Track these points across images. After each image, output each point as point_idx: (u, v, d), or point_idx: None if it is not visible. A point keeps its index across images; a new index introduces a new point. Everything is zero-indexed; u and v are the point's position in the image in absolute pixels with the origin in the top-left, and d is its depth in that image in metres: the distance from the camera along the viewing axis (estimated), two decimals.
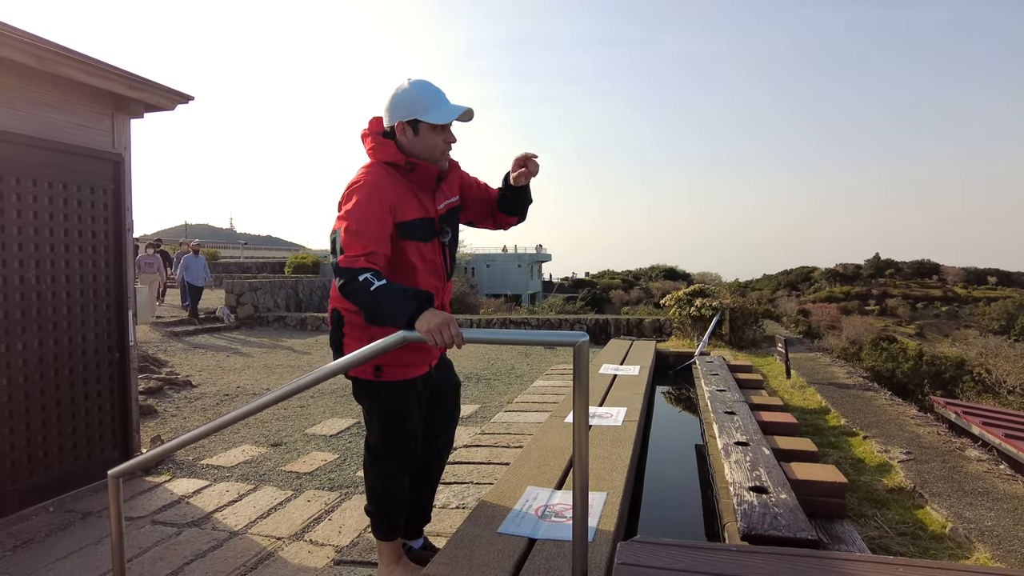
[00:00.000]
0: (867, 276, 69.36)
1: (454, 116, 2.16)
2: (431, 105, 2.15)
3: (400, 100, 2.17)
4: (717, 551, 1.96)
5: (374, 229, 2.05)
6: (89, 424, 4.06)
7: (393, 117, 2.18)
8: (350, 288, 1.93)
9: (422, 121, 2.15)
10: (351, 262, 1.96)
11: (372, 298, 1.87)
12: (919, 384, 14.13)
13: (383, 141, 2.20)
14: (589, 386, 1.67)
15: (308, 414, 6.06)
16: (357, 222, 2.04)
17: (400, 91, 2.19)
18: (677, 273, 54.50)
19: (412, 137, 2.17)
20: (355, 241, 2.00)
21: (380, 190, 2.11)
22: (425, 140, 2.18)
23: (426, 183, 2.26)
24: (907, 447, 4.17)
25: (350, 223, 2.04)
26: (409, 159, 2.18)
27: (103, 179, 4.11)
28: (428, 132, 2.17)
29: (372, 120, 2.28)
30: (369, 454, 2.39)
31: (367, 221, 2.05)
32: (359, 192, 2.11)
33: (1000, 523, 2.91)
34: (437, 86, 2.20)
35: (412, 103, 2.15)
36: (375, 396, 2.30)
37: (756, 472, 2.90)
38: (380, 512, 2.37)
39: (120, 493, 2.13)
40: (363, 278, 1.90)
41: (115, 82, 3.91)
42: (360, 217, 2.05)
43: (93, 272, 4.06)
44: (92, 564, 3.03)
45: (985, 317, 44.85)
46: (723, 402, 4.50)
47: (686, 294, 10.37)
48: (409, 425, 2.34)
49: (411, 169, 2.19)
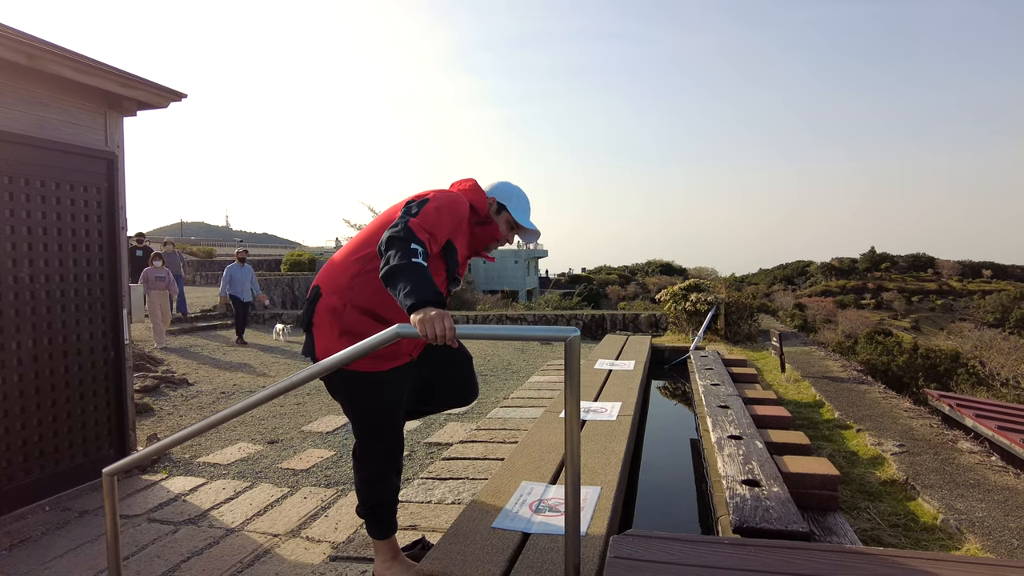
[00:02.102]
0: (863, 270, 69.58)
1: (529, 227, 2.55)
2: (520, 209, 2.54)
3: (506, 188, 2.56)
4: (708, 544, 1.97)
5: (449, 227, 2.27)
6: (85, 423, 4.06)
7: (493, 191, 2.55)
8: (399, 245, 2.01)
9: (507, 211, 2.51)
10: (419, 231, 2.08)
11: (407, 266, 1.94)
12: (914, 377, 14.17)
13: (481, 192, 2.51)
14: (582, 381, 1.68)
15: (304, 411, 6.07)
16: (443, 213, 2.23)
17: (509, 184, 2.59)
18: (673, 268, 54.57)
19: (493, 213, 2.53)
20: (434, 221, 2.17)
21: (464, 210, 2.37)
22: (499, 224, 2.53)
23: (479, 242, 2.53)
24: (900, 440, 4.19)
25: (440, 206, 2.23)
26: (488, 215, 2.50)
27: (96, 177, 4.10)
28: (504, 221, 2.53)
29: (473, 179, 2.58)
30: (353, 455, 2.42)
31: (450, 217, 2.26)
32: (457, 200, 2.34)
33: (991, 514, 2.93)
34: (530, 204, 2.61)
35: (511, 196, 2.54)
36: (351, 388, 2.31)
37: (749, 465, 2.91)
38: (369, 512, 2.40)
39: (115, 491, 2.13)
40: (414, 246, 2.00)
41: (107, 80, 3.90)
42: (448, 211, 2.26)
43: (87, 271, 4.06)
44: (89, 563, 3.03)
45: (980, 310, 45.02)
46: (717, 396, 4.52)
47: (681, 289, 10.39)
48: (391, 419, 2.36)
49: (483, 222, 2.49)
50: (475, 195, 2.48)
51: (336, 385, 2.34)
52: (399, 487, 2.48)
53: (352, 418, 2.38)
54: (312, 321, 2.30)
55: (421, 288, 1.87)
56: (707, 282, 11.08)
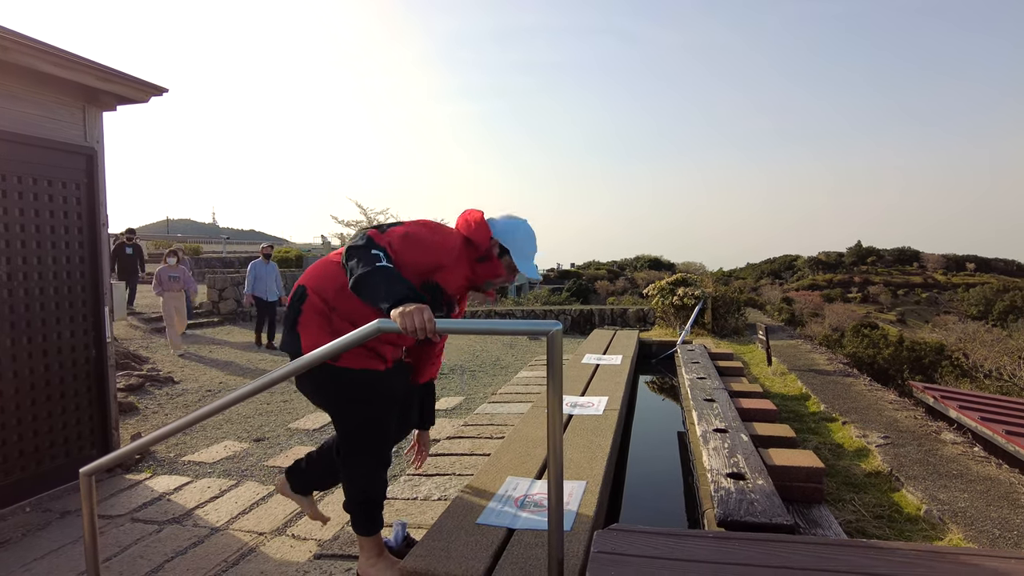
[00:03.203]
0: (849, 264, 70.17)
1: (529, 274, 2.46)
2: (522, 254, 2.45)
3: (510, 228, 2.46)
4: (692, 538, 1.97)
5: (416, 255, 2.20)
6: (66, 423, 4.00)
7: (498, 231, 2.45)
8: (361, 252, 1.99)
9: (509, 255, 2.43)
10: (378, 238, 2.08)
11: (374, 271, 1.92)
12: (899, 370, 14.32)
13: (486, 228, 2.42)
14: (570, 376, 1.67)
15: (291, 409, 6.03)
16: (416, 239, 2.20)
17: (517, 223, 2.48)
18: (662, 263, 54.75)
19: (496, 253, 2.46)
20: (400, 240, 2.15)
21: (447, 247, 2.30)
22: (498, 265, 2.46)
23: (478, 277, 2.47)
24: (885, 432, 4.22)
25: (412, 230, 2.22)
26: (489, 251, 2.42)
27: (76, 173, 4.04)
28: (502, 264, 2.45)
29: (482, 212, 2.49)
30: (336, 455, 2.39)
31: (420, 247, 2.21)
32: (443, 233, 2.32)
33: (973, 504, 2.96)
34: (536, 245, 2.53)
35: (514, 238, 2.44)
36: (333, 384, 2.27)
37: (734, 459, 2.92)
38: (361, 509, 2.37)
39: (93, 491, 2.10)
40: (375, 252, 1.98)
41: (85, 74, 3.83)
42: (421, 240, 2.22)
43: (67, 268, 4.00)
44: (70, 564, 3.00)
45: (964, 303, 45.57)
46: (703, 389, 4.53)
47: (668, 283, 10.42)
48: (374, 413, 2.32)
49: (483, 259, 2.43)
50: (477, 231, 2.41)
51: (316, 383, 2.28)
52: (387, 482, 2.45)
53: (333, 414, 2.33)
54: (298, 320, 2.27)
55: (393, 287, 1.86)
56: (694, 277, 11.12)
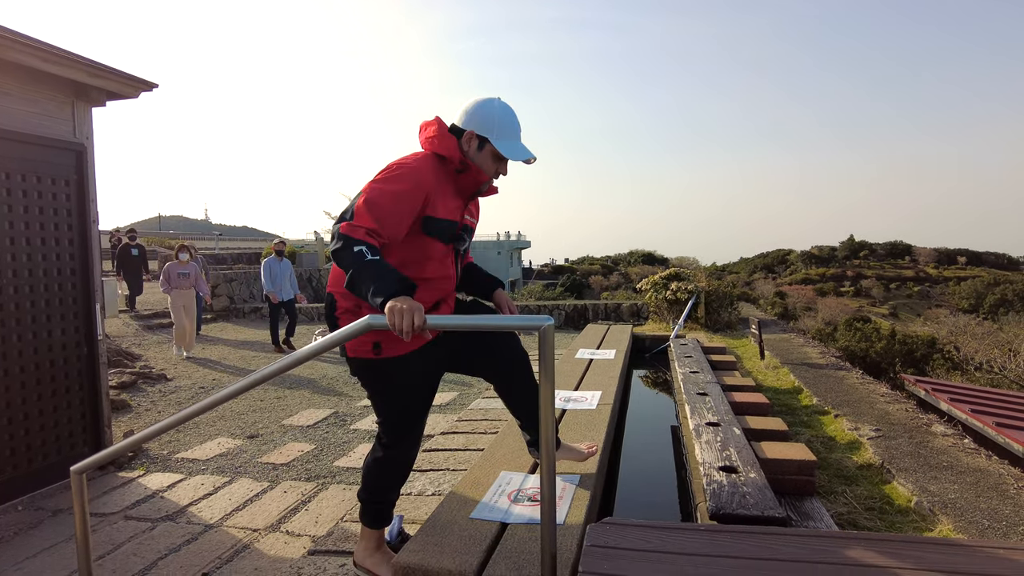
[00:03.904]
0: (842, 258, 70.42)
1: (519, 157, 2.22)
2: (506, 135, 2.22)
3: (482, 112, 2.22)
4: (685, 531, 1.98)
5: (394, 211, 2.05)
6: (58, 421, 3.99)
7: (468, 123, 2.22)
8: (343, 254, 1.92)
9: (490, 143, 2.20)
10: (351, 231, 1.95)
11: (362, 268, 1.85)
12: (891, 363, 14.40)
13: (447, 136, 2.21)
14: (563, 370, 1.67)
15: (284, 405, 6.02)
16: (381, 198, 2.03)
17: (486, 104, 2.24)
18: (655, 258, 54.88)
19: (475, 150, 2.23)
20: (367, 213, 1.99)
21: (423, 179, 2.12)
22: (484, 160, 2.23)
23: (466, 190, 2.29)
24: (877, 424, 4.25)
25: (373, 196, 2.03)
26: (464, 160, 2.21)
27: (65, 169, 4.01)
28: (489, 155, 2.23)
29: (438, 116, 2.28)
30: (378, 442, 2.35)
31: (391, 202, 2.04)
32: (401, 173, 2.10)
33: (963, 495, 2.98)
34: (519, 120, 2.28)
35: (491, 122, 2.21)
36: (377, 376, 2.25)
37: (726, 452, 2.93)
38: (374, 500, 2.35)
39: (84, 489, 2.09)
40: (358, 249, 1.89)
41: (74, 69, 3.81)
42: (387, 195, 2.04)
43: (57, 265, 3.97)
44: (62, 562, 2.99)
45: (955, 296, 45.84)
46: (696, 383, 4.55)
47: (662, 278, 10.44)
48: (415, 404, 2.30)
49: (462, 170, 2.23)
50: (441, 143, 2.20)
51: (366, 371, 2.26)
52: (406, 480, 2.44)
53: (379, 404, 2.31)
54: (337, 326, 2.24)
55: (382, 282, 1.80)
56: (687, 271, 11.14)
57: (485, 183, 2.30)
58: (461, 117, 2.26)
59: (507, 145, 2.21)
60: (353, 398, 6.29)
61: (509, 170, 2.33)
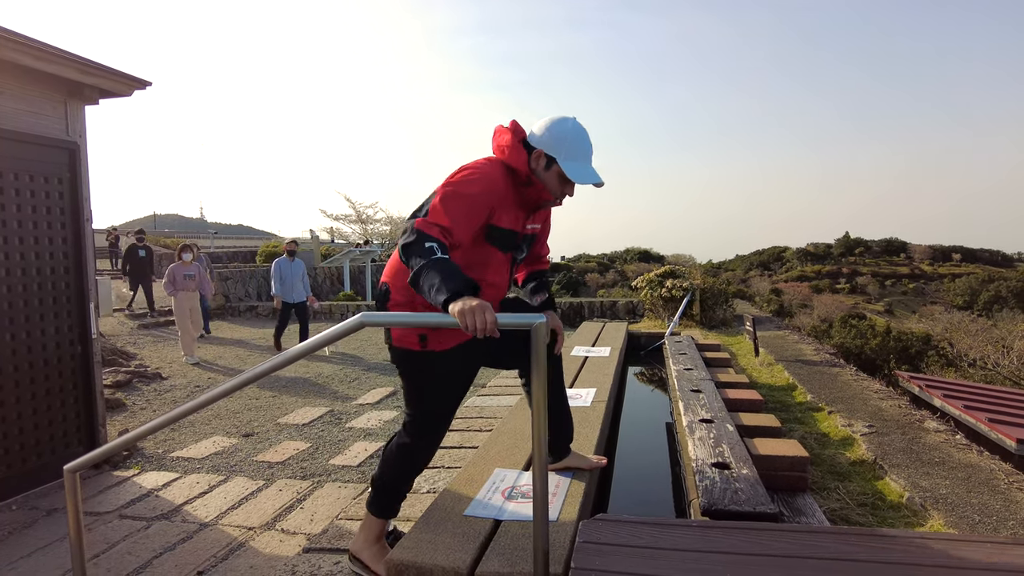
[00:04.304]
0: (837, 255, 70.62)
1: (584, 181, 2.21)
2: (575, 157, 2.21)
3: (554, 132, 2.22)
4: (677, 527, 2.00)
5: (467, 215, 2.08)
6: (52, 420, 3.98)
7: (540, 141, 2.22)
8: (414, 248, 1.93)
9: (558, 164, 2.19)
10: (426, 227, 1.97)
11: (431, 264, 1.86)
12: (886, 360, 14.46)
13: (519, 149, 2.22)
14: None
15: (280, 404, 6.02)
16: (456, 200, 2.07)
17: (560, 123, 2.23)
18: (651, 255, 54.89)
19: (542, 168, 2.22)
20: (443, 212, 2.03)
21: (492, 187, 2.15)
22: (550, 180, 2.23)
23: (530, 203, 2.31)
24: (870, 420, 4.27)
25: (449, 196, 2.07)
26: (530, 176, 2.22)
27: (58, 168, 4.00)
28: (556, 175, 2.22)
29: (514, 123, 2.28)
30: (405, 432, 2.35)
31: (466, 205, 2.08)
32: (475, 178, 2.14)
33: (954, 491, 3.00)
34: (591, 143, 2.26)
35: (561, 143, 2.20)
36: (419, 367, 2.25)
37: (719, 448, 2.95)
38: (388, 487, 2.36)
39: (78, 488, 2.09)
40: (429, 244, 1.91)
41: (66, 67, 3.79)
42: (461, 198, 2.08)
43: (51, 264, 3.96)
44: (56, 561, 2.99)
45: (950, 293, 46.04)
46: (690, 380, 4.57)
47: (657, 275, 10.46)
48: (450, 399, 2.32)
49: (527, 184, 2.24)
50: (511, 154, 2.22)
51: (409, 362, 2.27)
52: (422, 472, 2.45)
53: (414, 396, 2.31)
54: None
55: (450, 281, 1.79)
56: (683, 269, 11.17)
57: (548, 202, 2.32)
58: (535, 131, 2.26)
59: (574, 167, 2.20)
60: (349, 397, 6.29)
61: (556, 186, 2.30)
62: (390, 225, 29.79)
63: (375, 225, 29.56)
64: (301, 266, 8.99)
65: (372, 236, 28.72)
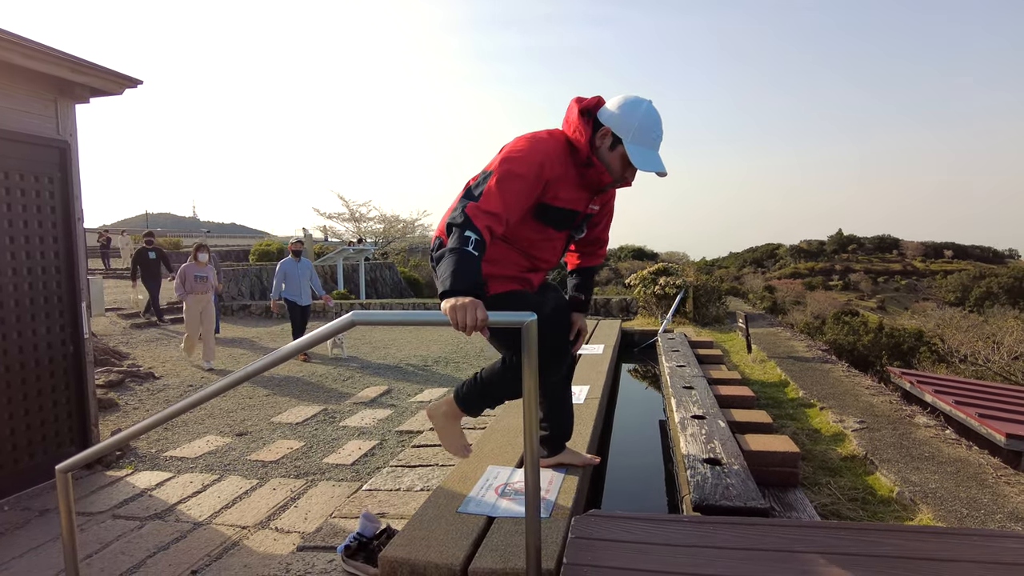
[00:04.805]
0: (831, 252, 70.96)
1: (647, 168, 2.13)
2: (642, 142, 2.12)
3: (625, 111, 2.14)
4: (669, 522, 2.01)
5: (520, 197, 2.06)
6: (44, 420, 3.97)
7: (609, 119, 2.15)
8: (456, 231, 1.93)
9: (623, 145, 2.12)
10: (476, 216, 1.96)
11: (457, 255, 1.87)
12: (879, 356, 14.54)
13: (585, 124, 2.16)
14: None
15: (274, 403, 6.01)
16: (509, 181, 2.04)
17: (632, 104, 2.14)
18: (645, 253, 54.96)
19: (606, 148, 2.16)
20: (497, 197, 2.00)
21: (549, 162, 2.11)
22: (613, 160, 2.17)
23: (590, 184, 2.24)
24: (861, 416, 4.30)
25: (503, 177, 2.04)
26: (591, 156, 2.16)
27: (49, 167, 3.98)
28: (619, 157, 2.15)
29: (596, 98, 2.21)
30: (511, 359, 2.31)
31: (520, 186, 2.06)
32: (531, 156, 2.10)
33: (943, 485, 3.03)
34: (662, 130, 2.16)
35: (630, 124, 2.12)
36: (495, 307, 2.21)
37: (711, 444, 2.97)
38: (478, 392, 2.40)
39: (70, 488, 2.09)
40: (467, 234, 1.91)
41: (57, 66, 3.78)
42: (517, 179, 2.05)
43: (42, 264, 3.95)
44: (49, 562, 2.98)
45: (942, 290, 46.28)
46: (682, 377, 4.59)
47: (650, 273, 10.49)
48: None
49: (587, 164, 2.17)
50: (579, 130, 2.14)
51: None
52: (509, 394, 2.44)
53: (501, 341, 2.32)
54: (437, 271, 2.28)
55: (459, 277, 1.81)
56: (676, 266, 11.20)
57: (608, 184, 2.24)
58: (607, 110, 2.17)
59: (639, 152, 2.11)
60: (343, 396, 6.29)
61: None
62: (384, 223, 29.76)
63: (369, 223, 29.53)
64: (308, 266, 8.53)
65: (366, 234, 28.68)
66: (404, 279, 25.17)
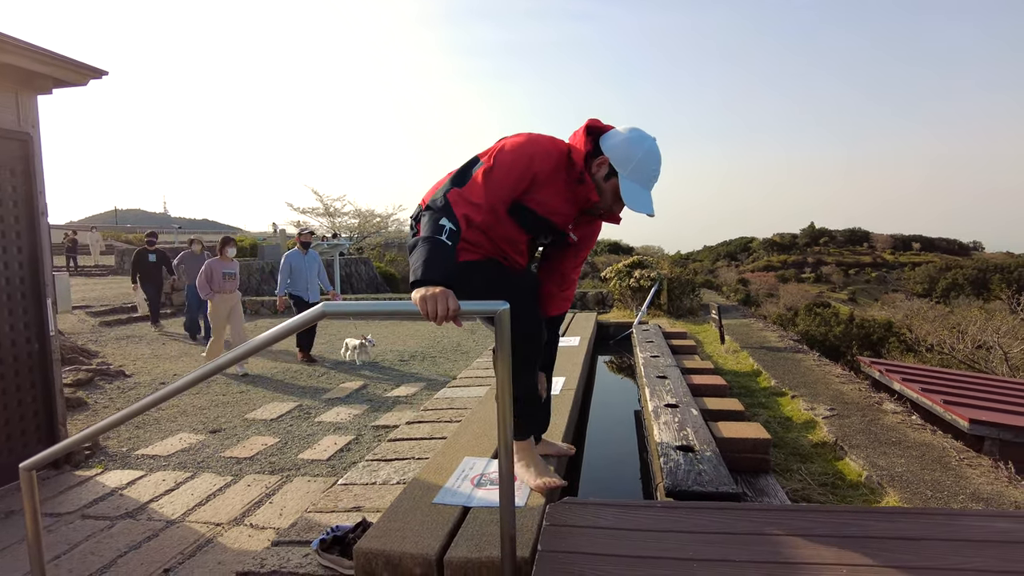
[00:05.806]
0: (803, 245, 72.05)
1: (633, 206, 2.13)
2: (637, 179, 2.12)
3: (627, 145, 2.13)
4: (641, 508, 2.03)
5: (502, 190, 2.07)
6: (8, 419, 3.87)
7: (610, 148, 2.15)
8: (434, 216, 1.94)
9: (618, 179, 2.13)
10: (457, 204, 1.97)
11: (429, 243, 1.86)
12: (849, 346, 14.85)
13: (587, 143, 2.16)
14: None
15: (248, 399, 5.94)
16: (492, 176, 2.05)
17: (636, 139, 2.14)
18: (621, 247, 55.31)
19: (601, 176, 2.16)
20: (482, 187, 2.02)
21: (540, 159, 2.11)
22: (604, 191, 2.18)
23: (578, 200, 2.23)
24: (831, 404, 4.39)
25: (492, 168, 2.05)
26: (583, 172, 2.15)
27: (10, 160, 3.87)
28: (611, 189, 2.16)
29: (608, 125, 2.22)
30: None
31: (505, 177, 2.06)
32: (529, 143, 2.11)
33: (909, 468, 3.11)
34: (659, 171, 2.16)
35: (629, 160, 2.12)
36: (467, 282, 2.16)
37: (684, 432, 3.00)
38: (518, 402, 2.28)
39: (34, 486, 2.05)
40: (443, 223, 1.91)
41: (17, 55, 3.67)
42: (504, 168, 2.06)
43: (4, 259, 3.84)
44: (14, 564, 2.92)
45: (910, 281, 47.34)
46: (656, 367, 4.63)
47: (625, 266, 10.57)
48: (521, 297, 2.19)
49: (579, 181, 2.17)
50: (578, 146, 2.15)
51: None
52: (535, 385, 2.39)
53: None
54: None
55: (430, 266, 1.79)
56: (651, 259, 11.29)
57: (595, 206, 2.23)
58: (611, 139, 2.17)
59: (632, 189, 2.12)
60: (318, 391, 6.23)
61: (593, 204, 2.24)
62: (359, 218, 29.48)
63: (343, 218, 29.22)
64: (316, 259, 7.85)
65: (340, 229, 28.39)
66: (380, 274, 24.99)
